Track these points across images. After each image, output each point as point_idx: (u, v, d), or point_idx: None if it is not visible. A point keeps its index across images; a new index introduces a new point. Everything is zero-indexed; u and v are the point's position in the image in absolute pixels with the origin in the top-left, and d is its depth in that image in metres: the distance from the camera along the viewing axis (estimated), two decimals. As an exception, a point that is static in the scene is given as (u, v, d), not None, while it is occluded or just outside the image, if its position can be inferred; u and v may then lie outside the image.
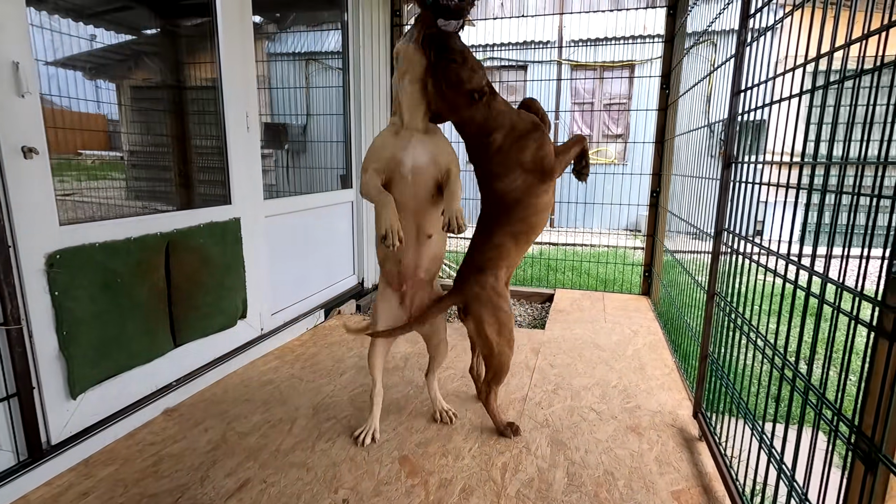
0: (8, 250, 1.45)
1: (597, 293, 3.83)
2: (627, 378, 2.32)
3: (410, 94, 1.66)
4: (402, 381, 2.27)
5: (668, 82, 3.47)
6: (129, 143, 3.07)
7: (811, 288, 1.11)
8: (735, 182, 1.72)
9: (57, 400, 1.63)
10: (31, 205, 1.52)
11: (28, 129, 1.50)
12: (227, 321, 2.33)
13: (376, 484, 1.56)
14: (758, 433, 1.33)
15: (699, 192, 2.32)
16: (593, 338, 2.84)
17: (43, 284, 1.56)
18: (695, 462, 1.69)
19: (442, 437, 1.83)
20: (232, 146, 2.36)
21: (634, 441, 1.81)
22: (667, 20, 3.47)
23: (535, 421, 1.94)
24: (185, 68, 2.96)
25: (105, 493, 1.51)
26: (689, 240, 2.63)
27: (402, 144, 1.65)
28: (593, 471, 1.64)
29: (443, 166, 1.68)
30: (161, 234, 1.96)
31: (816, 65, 1.20)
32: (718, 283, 1.76)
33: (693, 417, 1.94)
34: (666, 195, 3.49)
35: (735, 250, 1.56)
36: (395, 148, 1.65)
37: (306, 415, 1.98)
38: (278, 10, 4.04)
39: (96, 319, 1.72)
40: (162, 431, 1.85)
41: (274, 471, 1.63)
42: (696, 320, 2.18)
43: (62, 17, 2.42)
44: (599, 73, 8.18)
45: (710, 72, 2.20)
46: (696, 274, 2.29)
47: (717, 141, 3.20)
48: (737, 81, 1.64)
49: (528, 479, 1.59)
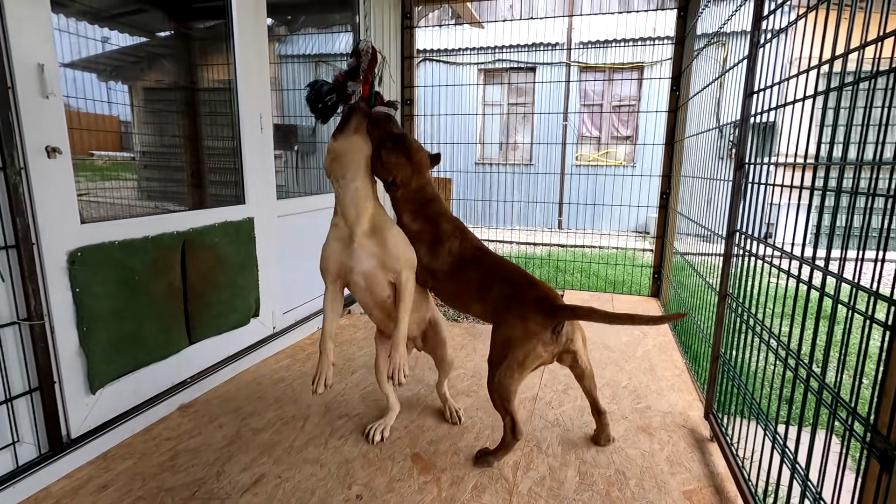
0: (32, 248, 1.49)
1: (605, 295, 3.83)
2: (637, 379, 2.33)
3: (354, 191, 1.57)
4: (413, 380, 2.29)
5: (679, 84, 3.47)
6: (143, 144, 3.12)
7: (825, 289, 1.12)
8: (748, 183, 1.73)
9: (77, 394, 1.67)
10: (54, 203, 1.56)
11: (51, 129, 1.54)
12: (240, 319, 2.36)
13: (389, 480, 1.58)
14: (771, 434, 1.34)
15: (710, 193, 2.32)
16: (602, 339, 2.84)
17: (64, 281, 1.60)
18: (706, 462, 1.69)
19: (453, 436, 1.84)
20: (246, 146, 2.39)
21: (645, 441, 1.81)
22: (677, 22, 3.47)
23: (545, 420, 1.95)
24: (200, 70, 3.00)
25: (124, 486, 1.54)
26: (700, 241, 2.63)
27: (348, 252, 1.60)
28: (604, 470, 1.64)
29: (394, 270, 1.59)
30: (177, 233, 2.00)
31: (831, 66, 1.20)
32: (730, 285, 1.76)
33: (704, 418, 1.94)
34: (676, 197, 3.49)
35: (748, 252, 1.56)
36: (342, 256, 1.61)
37: (318, 412, 2.00)
38: (290, 13, 4.08)
39: (115, 316, 1.75)
40: (178, 427, 1.88)
41: (288, 466, 1.65)
42: (707, 322, 2.18)
43: (78, 20, 2.47)
44: (608, 75, 8.18)
45: (722, 73, 2.20)
46: (707, 275, 2.30)
47: (726, 143, 3.20)
48: (750, 83, 1.64)
49: (539, 478, 1.60)
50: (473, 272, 1.66)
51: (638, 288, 4.04)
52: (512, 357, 1.50)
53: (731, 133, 2.15)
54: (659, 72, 7.71)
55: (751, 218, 1.64)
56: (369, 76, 1.65)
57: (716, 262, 2.21)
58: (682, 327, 2.83)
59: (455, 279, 1.69)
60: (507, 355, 1.51)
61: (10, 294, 1.46)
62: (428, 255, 1.70)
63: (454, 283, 1.70)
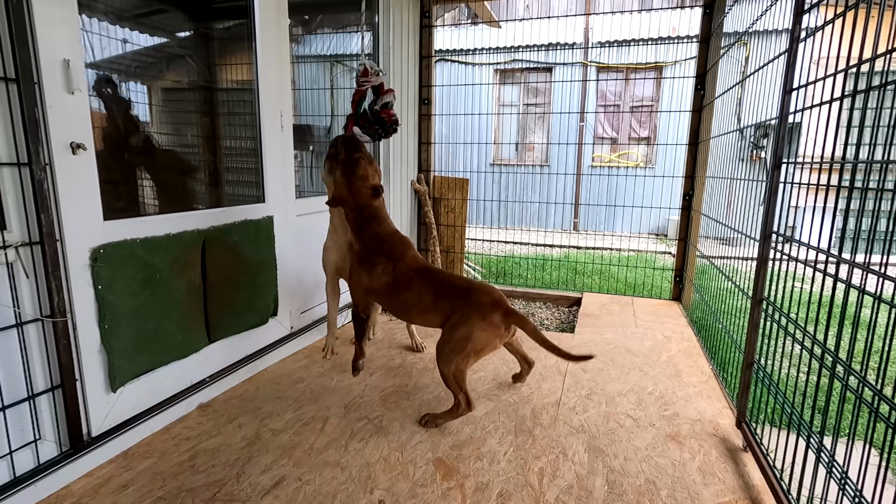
0: (56, 244, 1.48)
1: (625, 297, 3.76)
2: (663, 385, 2.26)
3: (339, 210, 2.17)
4: (433, 383, 2.25)
5: (703, 83, 3.39)
6: (162, 144, 3.13)
7: (881, 295, 1.06)
8: (784, 183, 1.66)
9: (98, 392, 1.66)
10: (78, 200, 1.55)
11: (76, 125, 1.53)
12: (259, 319, 2.34)
13: (412, 486, 1.54)
14: (815, 445, 1.27)
15: (740, 194, 2.25)
16: (625, 342, 2.78)
17: (87, 279, 1.59)
18: (740, 473, 1.62)
19: (476, 440, 1.80)
20: (267, 145, 2.38)
21: (675, 450, 1.75)
22: (702, 20, 3.39)
23: (570, 426, 1.90)
24: (221, 70, 3.00)
25: (144, 485, 1.53)
26: (724, 244, 2.56)
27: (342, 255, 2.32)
28: (634, 479, 1.59)
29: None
30: (198, 231, 1.98)
31: (872, 65, 1.15)
32: (765, 289, 1.70)
33: (736, 427, 1.87)
34: (700, 198, 3.41)
35: (787, 255, 1.50)
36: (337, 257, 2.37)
37: (338, 414, 1.97)
38: (308, 13, 4.08)
39: (136, 314, 1.74)
40: (197, 426, 1.86)
41: (308, 469, 1.62)
42: (737, 327, 2.11)
43: (100, 20, 2.47)
44: (626, 75, 8.07)
45: (754, 71, 2.13)
46: (736, 279, 2.22)
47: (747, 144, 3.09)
48: (789, 79, 1.58)
49: (566, 486, 1.55)
50: (422, 287, 1.91)
51: (658, 291, 3.96)
52: (471, 348, 1.79)
53: (753, 134, 2.09)
54: (679, 71, 7.59)
55: (784, 220, 1.58)
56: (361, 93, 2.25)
57: (744, 265, 2.14)
58: (709, 332, 2.75)
59: (398, 295, 1.95)
60: (467, 347, 1.79)
61: (34, 291, 1.45)
62: (367, 277, 2.00)
63: (399, 298, 1.95)
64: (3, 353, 1.40)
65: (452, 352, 1.79)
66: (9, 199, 1.38)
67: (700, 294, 3.17)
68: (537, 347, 1.87)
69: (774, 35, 2.11)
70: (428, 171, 4.08)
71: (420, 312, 1.93)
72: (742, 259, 2.29)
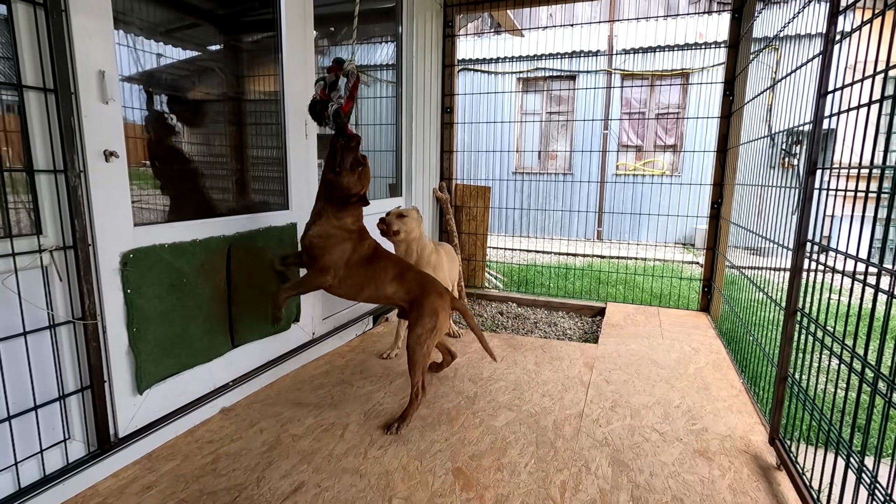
0: (88, 248, 1.52)
1: (651, 308, 3.67)
2: (691, 398, 2.19)
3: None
4: (453, 391, 2.23)
5: (732, 88, 3.31)
6: (192, 154, 3.21)
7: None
8: (818, 190, 1.60)
9: (125, 394, 1.69)
10: (111, 206, 1.60)
11: (110, 133, 1.58)
12: (281, 324, 2.36)
13: (430, 496, 1.52)
14: (855, 465, 1.21)
15: (771, 202, 2.18)
16: (650, 354, 2.71)
17: (117, 282, 1.63)
18: (774, 493, 1.55)
19: (496, 451, 1.77)
20: (291, 153, 2.42)
21: (704, 466, 1.69)
22: (731, 25, 3.33)
23: (593, 439, 1.85)
24: (248, 81, 3.07)
25: (168, 487, 1.55)
26: (754, 254, 2.48)
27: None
28: (660, 496, 1.53)
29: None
30: (224, 237, 2.02)
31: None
32: (801, 300, 1.63)
33: (769, 444, 1.79)
34: (729, 206, 3.31)
35: (825, 265, 1.44)
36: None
37: (357, 421, 1.97)
38: (333, 25, 4.16)
39: (163, 318, 1.78)
40: (220, 430, 1.89)
41: (327, 475, 1.62)
42: (769, 339, 2.03)
43: (135, 35, 2.57)
44: (651, 82, 7.96)
45: (786, 75, 2.06)
46: (768, 289, 2.14)
47: (778, 151, 3.01)
48: (824, 82, 1.52)
49: (589, 501, 1.51)
50: (384, 263, 2.05)
51: (685, 302, 3.86)
52: (438, 329, 1.96)
53: (784, 141, 2.02)
54: (706, 77, 7.45)
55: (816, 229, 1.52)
56: (354, 94, 1.94)
57: (776, 275, 2.06)
58: (739, 344, 2.65)
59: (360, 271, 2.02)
60: (435, 326, 1.94)
61: (66, 294, 1.50)
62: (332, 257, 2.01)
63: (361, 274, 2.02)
64: (36, 354, 1.44)
65: (423, 332, 1.94)
66: (45, 205, 1.43)
67: (729, 305, 3.07)
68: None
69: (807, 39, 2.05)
70: (450, 179, 4.08)
71: (396, 281, 2.05)
72: (773, 269, 2.21)
